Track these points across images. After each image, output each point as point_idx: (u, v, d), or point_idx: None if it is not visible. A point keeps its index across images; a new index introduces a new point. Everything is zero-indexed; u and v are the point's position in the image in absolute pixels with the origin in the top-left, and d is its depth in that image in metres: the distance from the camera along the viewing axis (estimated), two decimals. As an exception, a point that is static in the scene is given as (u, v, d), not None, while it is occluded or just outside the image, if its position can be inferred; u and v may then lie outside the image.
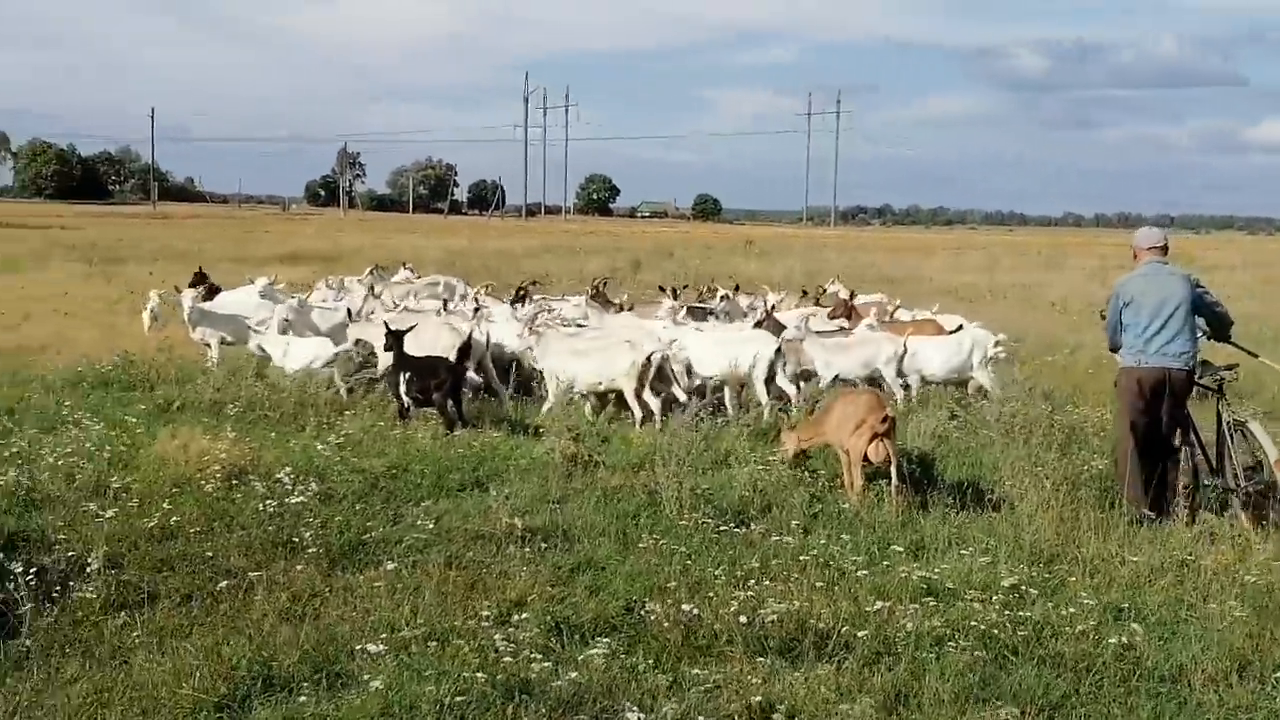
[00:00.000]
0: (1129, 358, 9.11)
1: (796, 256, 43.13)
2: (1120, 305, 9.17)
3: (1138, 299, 9.05)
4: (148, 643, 5.98)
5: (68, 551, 7.15)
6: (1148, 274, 9.18)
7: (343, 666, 5.72)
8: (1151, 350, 8.95)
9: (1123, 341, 9.21)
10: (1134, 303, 9.06)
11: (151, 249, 37.28)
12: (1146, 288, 9.06)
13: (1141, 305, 9.01)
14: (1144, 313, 8.99)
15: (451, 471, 9.64)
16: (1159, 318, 8.93)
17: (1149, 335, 8.96)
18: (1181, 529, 8.14)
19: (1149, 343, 8.95)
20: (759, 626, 6.17)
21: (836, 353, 13.34)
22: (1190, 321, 9.02)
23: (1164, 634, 6.38)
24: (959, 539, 7.98)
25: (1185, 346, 8.95)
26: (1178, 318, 8.93)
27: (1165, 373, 8.93)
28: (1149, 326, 8.96)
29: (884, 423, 8.82)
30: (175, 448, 9.54)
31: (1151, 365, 8.95)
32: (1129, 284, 9.19)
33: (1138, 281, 9.16)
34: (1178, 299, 8.95)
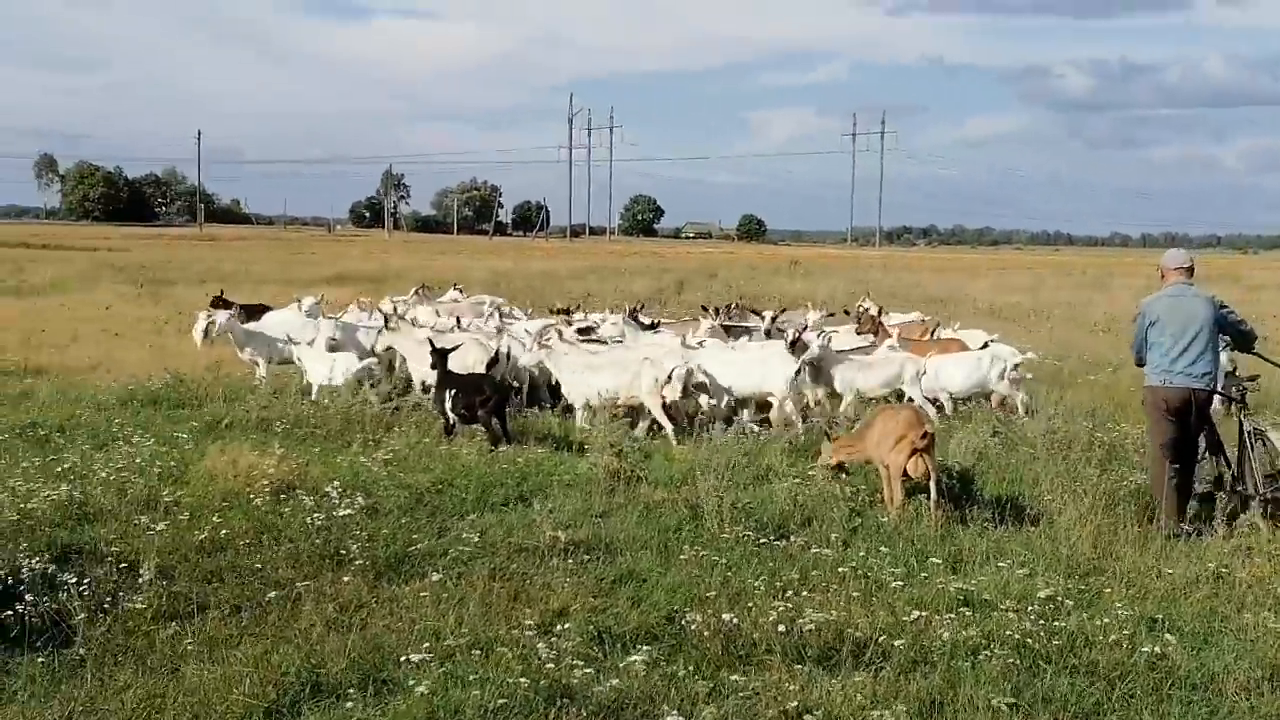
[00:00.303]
0: (1155, 377, 9.30)
1: (841, 277, 43.08)
2: (1146, 324, 9.37)
3: (1163, 319, 9.26)
4: (198, 651, 6.12)
5: (120, 563, 7.34)
6: (1174, 295, 9.37)
7: (389, 674, 5.86)
8: (1177, 370, 9.15)
9: (1148, 359, 9.40)
10: (1159, 322, 9.27)
11: (199, 270, 37.67)
12: (1172, 308, 9.27)
13: (1166, 326, 9.22)
14: (1169, 333, 9.20)
15: (495, 486, 9.78)
16: (1183, 339, 9.14)
17: (1174, 355, 9.16)
18: (1219, 542, 8.17)
19: (1174, 363, 9.15)
20: (797, 635, 6.27)
21: (857, 371, 13.46)
22: (1214, 342, 9.26)
23: (1198, 644, 6.44)
24: (997, 552, 8.04)
25: (1208, 367, 9.16)
26: (1201, 339, 9.14)
27: (1190, 393, 9.13)
28: (1174, 347, 9.16)
29: (924, 439, 8.91)
30: (224, 463, 9.72)
31: (1177, 385, 9.15)
32: (1155, 304, 9.40)
33: (1164, 302, 9.36)
34: (1200, 320, 9.16)
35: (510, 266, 47.15)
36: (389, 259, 52.64)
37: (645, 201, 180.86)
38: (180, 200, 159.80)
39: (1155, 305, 9.38)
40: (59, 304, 26.17)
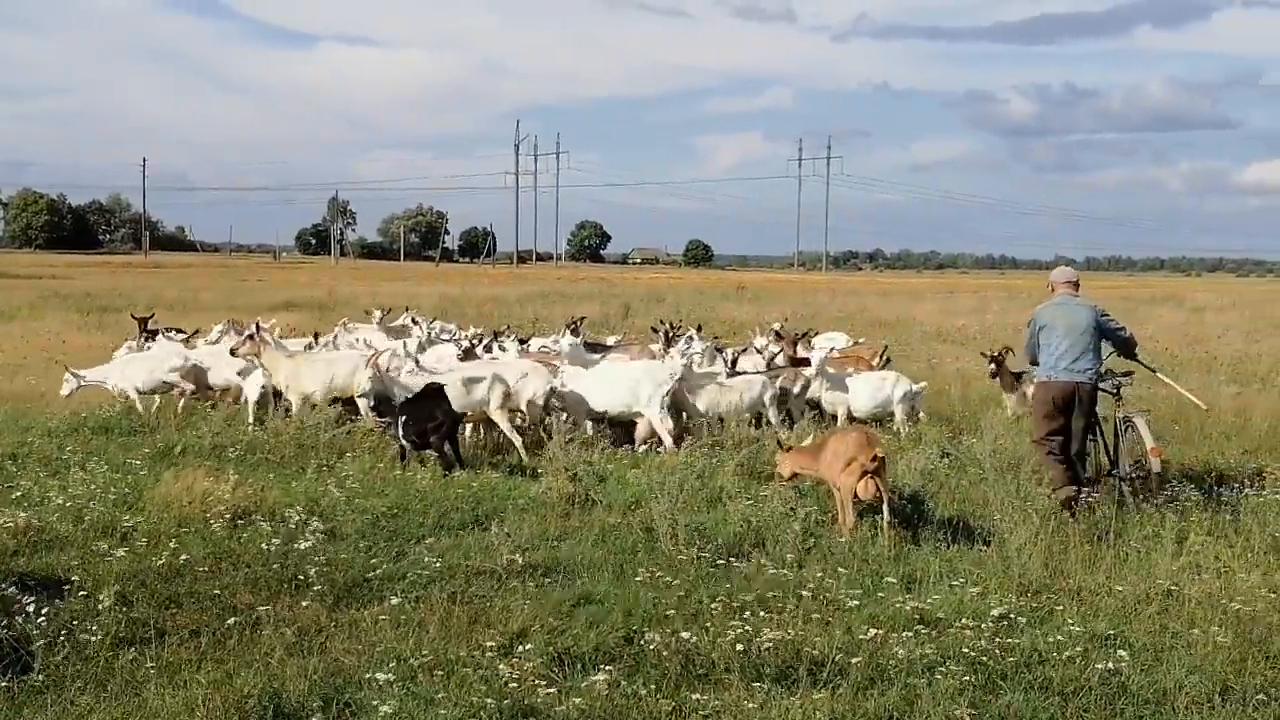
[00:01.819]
0: (1043, 374, 10.73)
1: (788, 301, 43.39)
2: (1038, 328, 10.81)
3: (1050, 324, 10.67)
4: (159, 676, 6.11)
5: (79, 590, 7.31)
6: (1060, 304, 10.80)
7: (351, 696, 5.87)
8: (1061, 367, 10.51)
9: (1040, 359, 10.77)
10: (1048, 327, 10.68)
11: (145, 298, 37.31)
12: (1058, 315, 10.68)
13: (1054, 329, 10.61)
14: (1056, 335, 10.57)
15: (452, 511, 9.82)
16: (1068, 340, 10.50)
17: (1059, 353, 10.52)
18: (1169, 560, 8.31)
19: (1059, 360, 10.52)
20: (755, 655, 6.34)
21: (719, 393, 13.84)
22: (1095, 344, 10.63)
23: (1149, 660, 6.52)
24: (950, 571, 8.15)
25: (1090, 364, 10.56)
26: (1083, 341, 10.51)
27: (1075, 386, 10.48)
28: (1059, 347, 10.53)
29: (873, 461, 9.02)
30: (179, 489, 9.69)
31: (1061, 380, 10.51)
32: (1045, 312, 10.83)
33: (1052, 310, 10.78)
34: (1084, 325, 10.56)
35: (458, 292, 47.09)
36: (336, 286, 52.43)
37: (592, 227, 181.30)
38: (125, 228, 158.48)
39: (1045, 313, 10.81)
40: (6, 333, 25.92)
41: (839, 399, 14.35)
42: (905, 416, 14.12)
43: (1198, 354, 24.38)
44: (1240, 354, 24.56)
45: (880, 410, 14.30)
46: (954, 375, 19.01)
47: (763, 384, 14.01)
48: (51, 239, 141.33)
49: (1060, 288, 10.99)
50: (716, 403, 13.72)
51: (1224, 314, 39.71)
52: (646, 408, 13.13)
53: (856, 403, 14.23)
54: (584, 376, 13.86)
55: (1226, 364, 22.24)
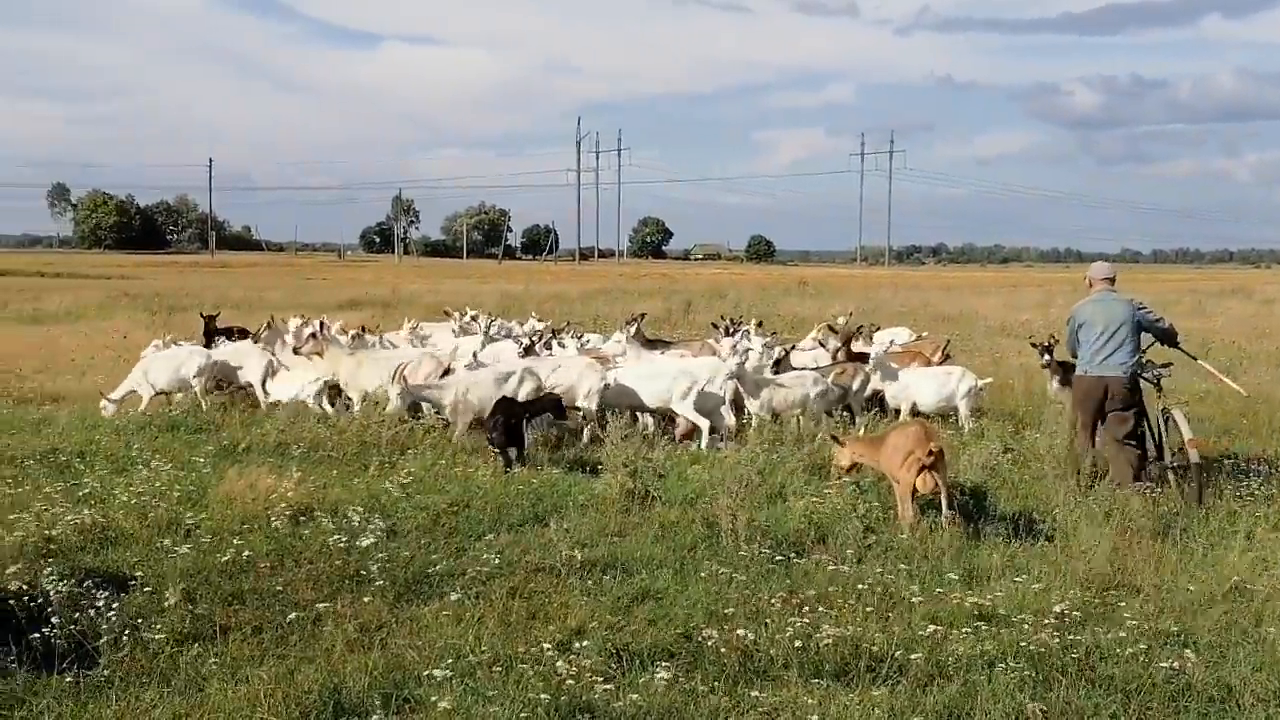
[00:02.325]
0: (1081, 367, 11.11)
1: (850, 297, 43.17)
2: (1076, 325, 11.17)
3: (1089, 320, 11.00)
4: (222, 672, 6.16)
5: (144, 586, 7.42)
6: (1098, 300, 11.12)
7: (410, 691, 5.92)
8: (1097, 362, 10.87)
9: (1079, 354, 11.15)
10: (1087, 323, 11.01)
11: (212, 297, 37.72)
12: (1096, 311, 11.00)
13: (1093, 326, 10.94)
14: (1095, 331, 10.91)
15: (512, 507, 9.84)
16: (1105, 335, 10.84)
17: (1096, 348, 10.88)
18: (1237, 556, 8.20)
19: (1096, 354, 10.88)
20: (814, 651, 6.32)
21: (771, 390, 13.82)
22: (1133, 338, 10.90)
23: (1215, 657, 6.46)
24: (1012, 567, 8.09)
25: (1125, 358, 10.83)
26: (1121, 334, 10.82)
27: (1106, 381, 10.80)
28: (1096, 342, 10.88)
29: (930, 455, 9.00)
30: (243, 487, 9.77)
31: (1094, 375, 10.90)
32: (1083, 309, 11.16)
33: (1090, 306, 11.09)
34: (1120, 319, 10.85)
35: (520, 289, 47.28)
36: (400, 284, 52.79)
37: (654, 223, 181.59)
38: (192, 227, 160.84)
39: (1084, 310, 11.14)
40: (75, 331, 26.33)
41: (903, 394, 14.26)
42: (969, 412, 14.00)
43: (1267, 347, 24.04)
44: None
45: (945, 405, 14.19)
46: (1017, 370, 18.83)
47: (814, 380, 13.98)
48: (120, 239, 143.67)
49: (1098, 283, 11.31)
50: (770, 399, 13.70)
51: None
52: (679, 403, 13.28)
53: (921, 398, 14.13)
54: (628, 373, 14.02)
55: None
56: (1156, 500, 9.55)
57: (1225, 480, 10.68)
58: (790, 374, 14.29)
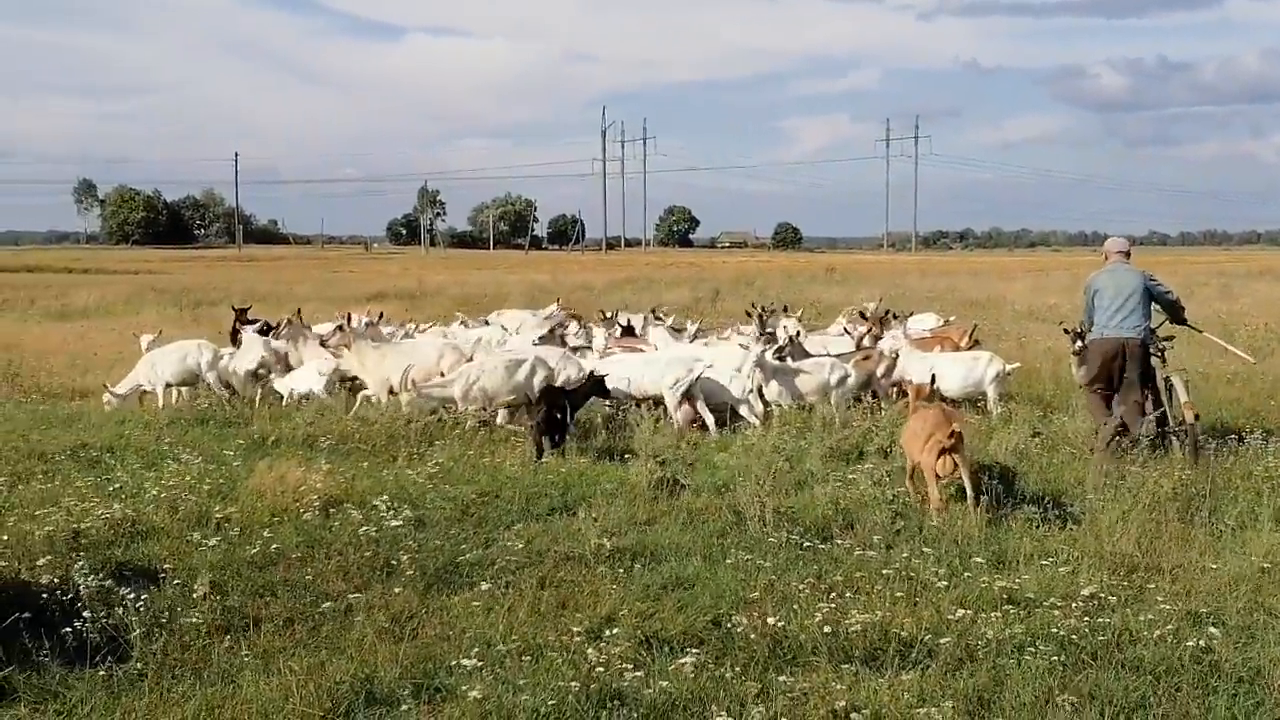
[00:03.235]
0: (1097, 331, 11.78)
1: (878, 283, 43.07)
2: (1092, 293, 11.91)
3: (1103, 289, 11.78)
4: (254, 663, 6.20)
5: (174, 579, 7.48)
6: (1111, 271, 11.93)
7: (441, 681, 5.95)
8: (1112, 325, 11.60)
9: (1094, 320, 11.82)
10: (1101, 291, 11.78)
11: (240, 291, 37.88)
12: (1110, 280, 11.79)
13: (1105, 293, 11.73)
14: (1107, 297, 11.68)
15: (540, 496, 9.88)
16: (1118, 301, 11.60)
17: (1110, 313, 11.63)
18: (1266, 536, 8.18)
19: (1110, 318, 11.62)
20: (843, 636, 6.33)
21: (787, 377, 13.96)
22: (1144, 305, 11.67)
23: (1243, 638, 6.44)
24: (1040, 551, 8.06)
25: (1138, 321, 11.60)
26: (1132, 301, 11.58)
27: (1123, 342, 11.53)
28: (1110, 307, 11.63)
29: (950, 437, 9.01)
30: (272, 479, 9.82)
31: (1110, 336, 11.61)
32: (1098, 279, 11.95)
33: (1104, 276, 11.90)
34: (1131, 287, 11.64)
35: (547, 280, 47.36)
36: (426, 275, 52.96)
37: (680, 212, 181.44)
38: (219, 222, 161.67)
39: (1098, 279, 11.93)
40: (105, 327, 26.48)
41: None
42: (997, 396, 13.94)
43: (1297, 327, 23.88)
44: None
45: (973, 390, 14.14)
46: (1045, 354, 18.74)
47: (832, 366, 14.01)
48: (148, 234, 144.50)
49: (1113, 256, 12.14)
50: (788, 386, 13.73)
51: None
52: (668, 391, 13.35)
53: (947, 383, 14.05)
54: (621, 362, 14.16)
55: (1328, 337, 21.75)
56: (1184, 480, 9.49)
57: (1253, 461, 10.62)
58: (809, 360, 14.31)
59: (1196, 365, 17.08)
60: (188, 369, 15.29)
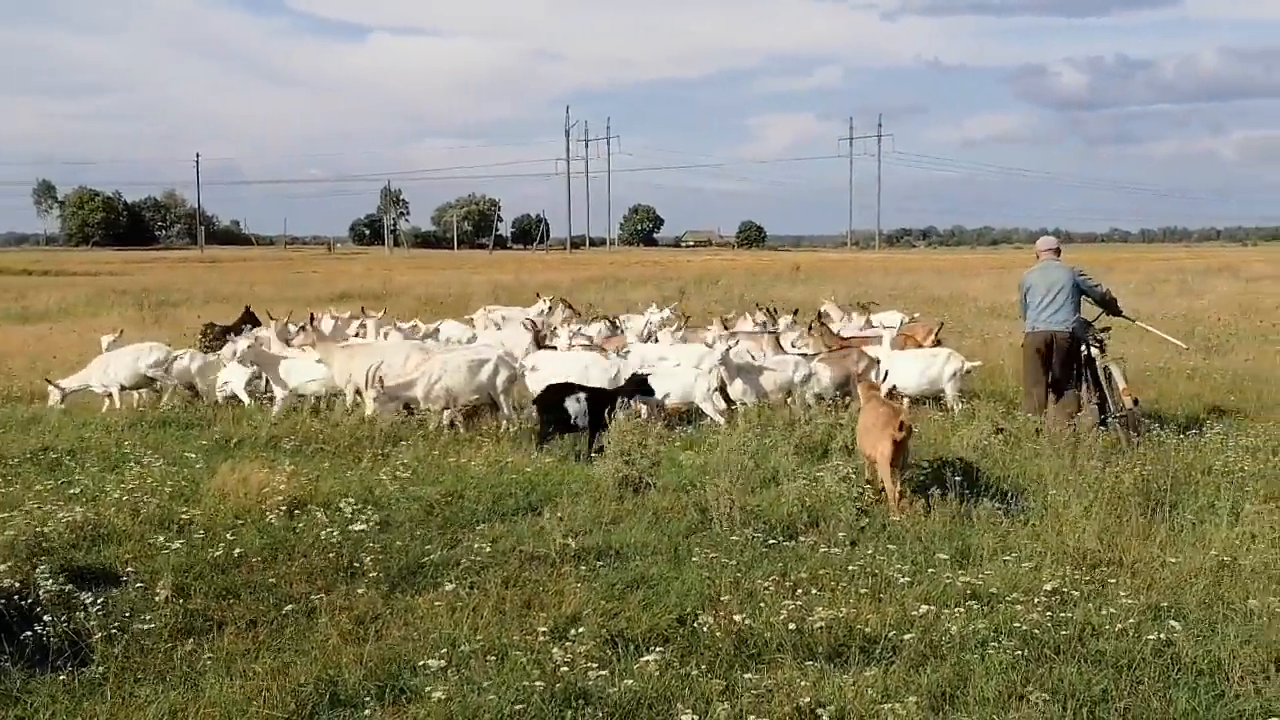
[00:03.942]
0: (1028, 325, 12.83)
1: (842, 281, 43.22)
2: (1024, 290, 12.96)
3: (1035, 285, 12.78)
4: (217, 667, 6.17)
5: (136, 583, 7.42)
6: (1043, 268, 12.91)
7: (405, 682, 5.93)
8: (1042, 319, 12.61)
9: (1026, 314, 12.87)
10: (1032, 287, 12.79)
11: (202, 292, 37.78)
12: (1041, 277, 12.78)
13: (1036, 289, 12.73)
14: (1038, 293, 12.68)
15: (505, 496, 9.87)
16: (1048, 296, 12.59)
17: (1041, 308, 12.65)
18: (1224, 530, 8.25)
19: (1040, 313, 12.65)
20: (808, 633, 6.34)
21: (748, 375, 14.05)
22: (1073, 299, 12.59)
23: (1203, 631, 6.49)
24: (1003, 546, 8.12)
25: (1066, 316, 12.54)
26: (1061, 297, 12.55)
27: (1051, 334, 12.53)
28: (1040, 302, 12.64)
29: (901, 430, 9.20)
30: (236, 481, 9.77)
31: (1041, 329, 12.61)
32: (1030, 276, 12.98)
33: (1035, 274, 12.90)
34: (1061, 283, 12.61)
35: (511, 280, 47.28)
36: (391, 276, 52.75)
37: (645, 211, 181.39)
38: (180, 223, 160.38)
39: (1030, 276, 12.95)
40: (65, 329, 26.28)
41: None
42: (956, 394, 13.99)
43: (1254, 323, 24.14)
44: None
45: (929, 388, 14.18)
46: (1007, 351, 18.86)
47: (796, 364, 14.09)
48: (108, 236, 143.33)
49: (1044, 254, 13.18)
50: (752, 384, 13.81)
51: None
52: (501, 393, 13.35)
53: (904, 380, 14.10)
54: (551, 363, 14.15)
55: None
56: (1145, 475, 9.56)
57: (1213, 456, 10.73)
58: (774, 358, 14.38)
59: (1156, 361, 17.27)
60: (138, 372, 15.17)
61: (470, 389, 13.07)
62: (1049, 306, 12.57)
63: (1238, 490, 9.26)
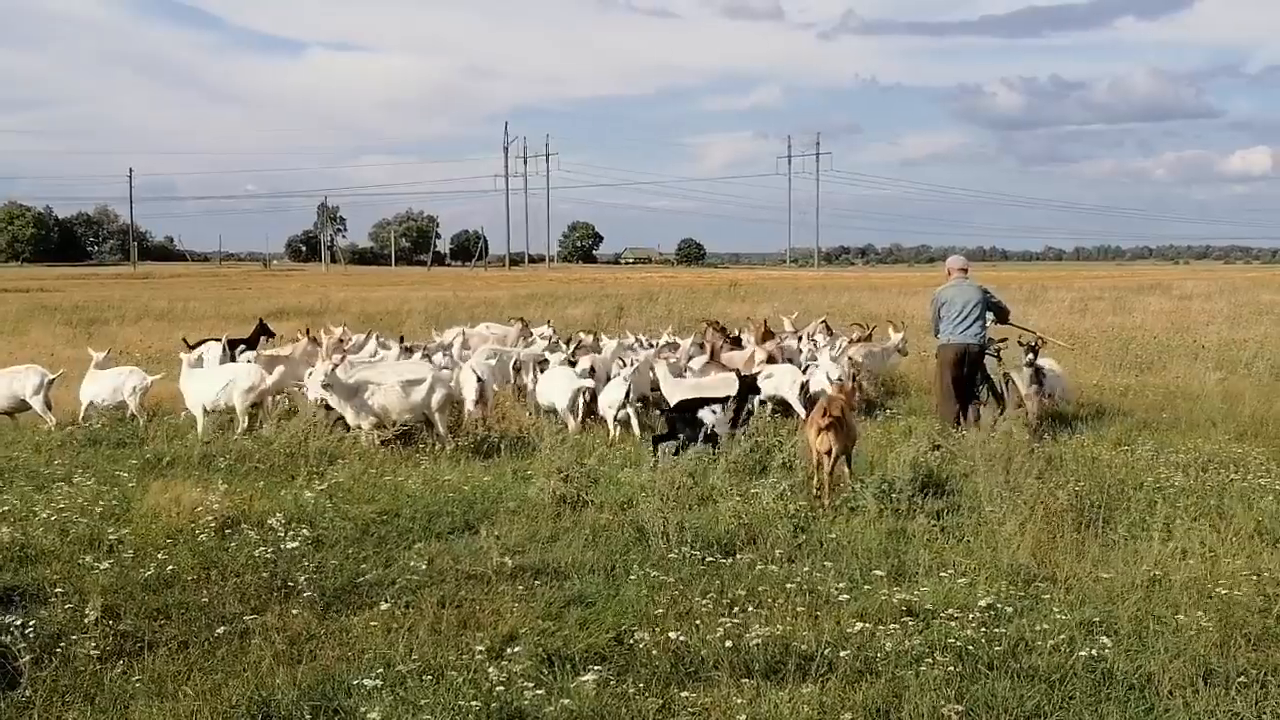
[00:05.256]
0: (943, 339, 14.01)
1: (781, 298, 43.39)
2: (939, 305, 14.15)
3: (950, 301, 14.00)
4: (147, 689, 6.09)
5: (65, 604, 7.29)
6: (956, 286, 14.15)
7: (340, 703, 5.87)
8: (958, 333, 13.88)
9: (940, 329, 14.05)
10: (947, 303, 14.01)
11: (134, 309, 37.31)
12: (955, 294, 14.04)
13: (952, 305, 13.96)
14: (953, 309, 13.93)
15: (441, 515, 9.79)
16: (963, 312, 13.86)
17: (955, 323, 13.89)
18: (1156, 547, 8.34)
19: (955, 327, 13.89)
20: (745, 651, 6.35)
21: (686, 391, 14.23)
22: (983, 315, 13.99)
23: (1134, 646, 6.57)
24: (939, 563, 8.18)
25: (979, 330, 13.96)
26: (975, 312, 13.88)
27: (966, 346, 13.85)
28: (955, 317, 13.90)
29: (824, 416, 10.03)
30: (168, 500, 9.65)
31: (956, 343, 13.87)
32: (944, 292, 14.16)
33: (950, 290, 14.10)
34: (974, 300, 13.93)
35: (449, 296, 47.10)
36: (328, 292, 52.39)
37: (584, 228, 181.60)
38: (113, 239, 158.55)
39: (944, 293, 14.13)
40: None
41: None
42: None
43: (1185, 341, 24.51)
44: (1226, 340, 24.80)
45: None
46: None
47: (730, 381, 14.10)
48: (38, 252, 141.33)
49: (955, 272, 14.37)
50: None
51: (1210, 301, 40.02)
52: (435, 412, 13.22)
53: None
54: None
55: (1213, 350, 22.38)
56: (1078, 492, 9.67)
57: (1144, 472, 10.88)
58: (717, 375, 14.50)
59: (1090, 379, 17.49)
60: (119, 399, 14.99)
61: (404, 408, 12.96)
62: (963, 322, 13.84)
63: (1169, 506, 9.37)
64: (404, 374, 13.42)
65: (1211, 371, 18.96)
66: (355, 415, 12.96)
